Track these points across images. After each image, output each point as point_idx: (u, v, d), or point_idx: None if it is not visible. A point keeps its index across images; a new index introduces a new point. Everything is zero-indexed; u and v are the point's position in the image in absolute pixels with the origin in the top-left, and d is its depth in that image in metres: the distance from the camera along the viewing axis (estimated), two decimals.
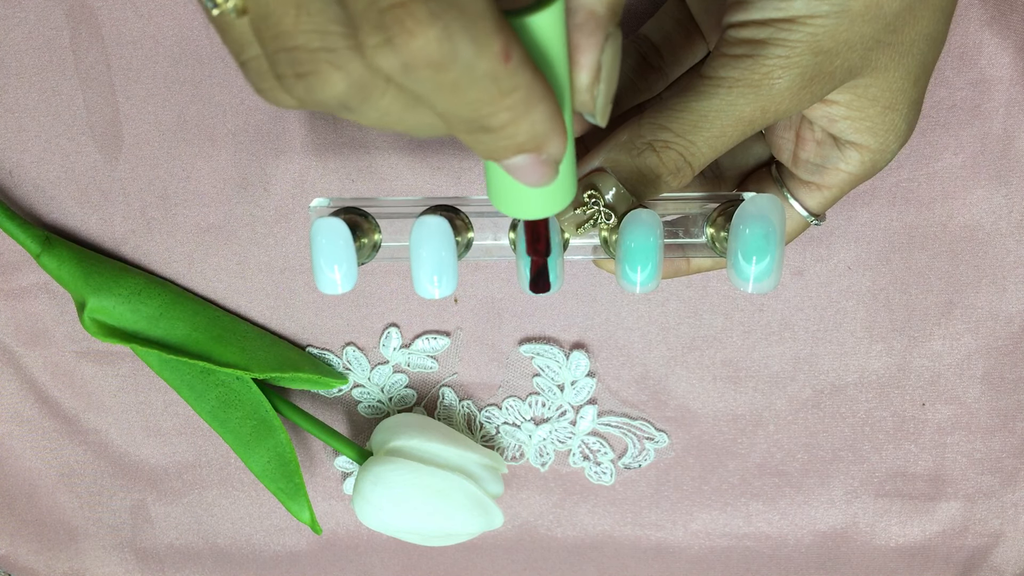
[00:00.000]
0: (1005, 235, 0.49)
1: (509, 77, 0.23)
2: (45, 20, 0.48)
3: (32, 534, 0.57)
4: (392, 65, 0.23)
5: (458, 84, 0.23)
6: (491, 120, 0.24)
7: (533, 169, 0.26)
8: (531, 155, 0.26)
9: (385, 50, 0.22)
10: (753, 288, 0.34)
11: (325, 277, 0.34)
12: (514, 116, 0.24)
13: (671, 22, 0.41)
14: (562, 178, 0.29)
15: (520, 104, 0.24)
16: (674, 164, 0.34)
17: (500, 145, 0.25)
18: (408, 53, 0.22)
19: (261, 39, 0.24)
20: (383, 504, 0.49)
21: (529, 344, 0.52)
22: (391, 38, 0.22)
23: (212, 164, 0.50)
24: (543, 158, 0.26)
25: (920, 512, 0.55)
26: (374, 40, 0.22)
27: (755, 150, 0.42)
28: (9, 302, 0.53)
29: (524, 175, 0.26)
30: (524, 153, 0.25)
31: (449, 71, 0.22)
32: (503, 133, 0.25)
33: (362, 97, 0.24)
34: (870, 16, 0.31)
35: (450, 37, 0.22)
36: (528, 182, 0.27)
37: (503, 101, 0.24)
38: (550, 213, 0.30)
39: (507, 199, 0.29)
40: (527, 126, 0.24)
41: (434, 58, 0.22)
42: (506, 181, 0.28)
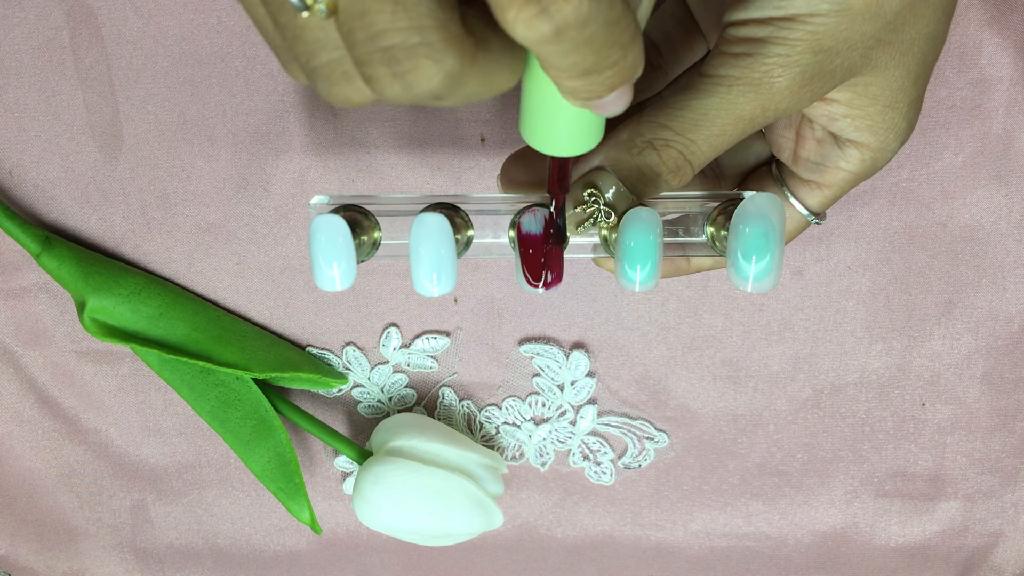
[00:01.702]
0: (1005, 235, 0.49)
1: (624, 16, 0.24)
2: (45, 20, 0.48)
3: (32, 534, 0.57)
4: (543, 33, 0.23)
5: (594, 35, 0.24)
6: (608, 59, 0.25)
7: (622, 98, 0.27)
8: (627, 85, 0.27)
9: (539, 20, 0.23)
10: (753, 287, 0.34)
11: (324, 274, 0.34)
12: (625, 50, 0.25)
13: (671, 20, 0.41)
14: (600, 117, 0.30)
15: (630, 39, 0.25)
16: (674, 163, 0.34)
17: (607, 82, 0.26)
18: (562, 18, 0.23)
19: (352, 40, 0.24)
20: (383, 504, 0.49)
21: (529, 344, 0.52)
22: (546, 7, 0.22)
23: (212, 164, 0.50)
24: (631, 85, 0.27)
25: (920, 512, 0.54)
26: (527, 13, 0.23)
27: (755, 149, 0.42)
28: (9, 302, 0.53)
29: (613, 105, 0.27)
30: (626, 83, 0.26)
31: (590, 26, 0.23)
32: (614, 69, 0.25)
33: (453, 86, 0.24)
34: (871, 14, 0.31)
35: None
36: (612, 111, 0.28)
37: (621, 38, 0.24)
38: (584, 149, 0.31)
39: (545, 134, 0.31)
40: (633, 56, 0.25)
41: (584, 16, 0.23)
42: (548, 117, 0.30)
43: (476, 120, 0.49)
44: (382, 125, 0.49)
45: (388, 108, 0.48)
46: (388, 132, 0.49)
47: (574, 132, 0.30)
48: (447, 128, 0.49)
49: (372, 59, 0.24)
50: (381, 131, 0.49)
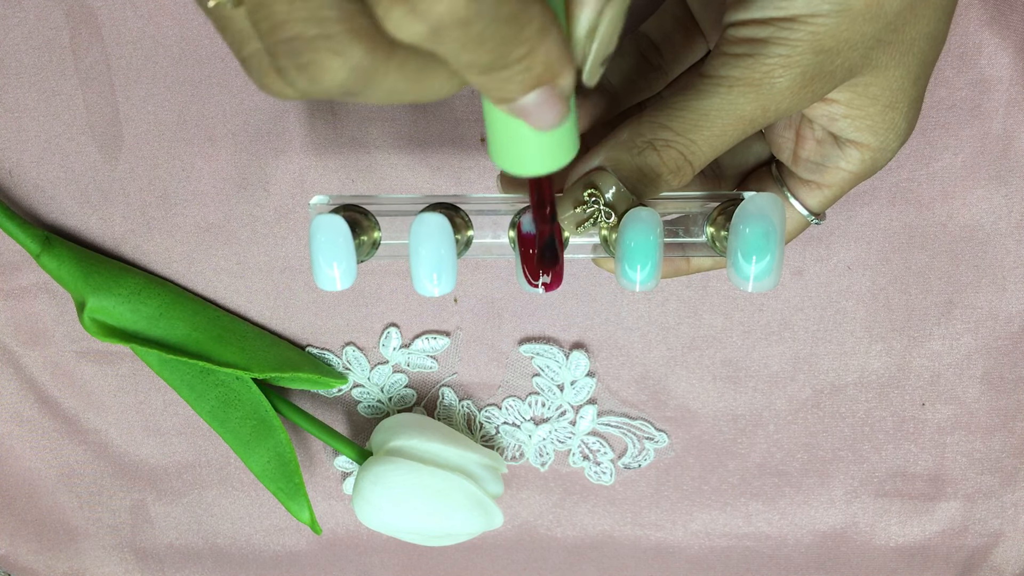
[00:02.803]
0: (1005, 235, 0.49)
1: (524, 10, 0.23)
2: (45, 20, 0.48)
3: (32, 534, 0.57)
4: (418, 33, 0.22)
5: (483, 34, 0.22)
6: (509, 56, 0.24)
7: (547, 105, 0.26)
8: (545, 89, 0.25)
9: (410, 19, 0.22)
10: (753, 287, 0.34)
11: (324, 274, 0.34)
12: (531, 47, 0.24)
13: (671, 20, 0.41)
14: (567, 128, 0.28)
15: (536, 34, 0.23)
16: (674, 163, 0.34)
17: (517, 80, 0.25)
18: (435, 17, 0.22)
19: (259, 31, 0.24)
20: (383, 504, 0.49)
21: (529, 344, 0.52)
22: (415, 6, 0.21)
23: (212, 164, 0.50)
24: (556, 91, 0.25)
25: (920, 512, 0.54)
26: (398, 12, 0.22)
27: (755, 149, 0.42)
28: (9, 302, 0.53)
29: (538, 114, 0.26)
30: (540, 86, 0.25)
31: (476, 24, 0.22)
32: (520, 66, 0.24)
33: (365, 81, 0.24)
34: (871, 15, 0.31)
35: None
36: (542, 122, 0.26)
37: (521, 35, 0.23)
38: (555, 167, 0.29)
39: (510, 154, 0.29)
40: (542, 55, 0.24)
41: (462, 15, 0.22)
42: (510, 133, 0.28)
43: (476, 120, 0.49)
44: (382, 125, 0.49)
45: (388, 108, 0.48)
46: (388, 132, 0.49)
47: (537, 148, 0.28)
48: (447, 128, 0.49)
49: (277, 51, 0.24)
50: (381, 131, 0.49)
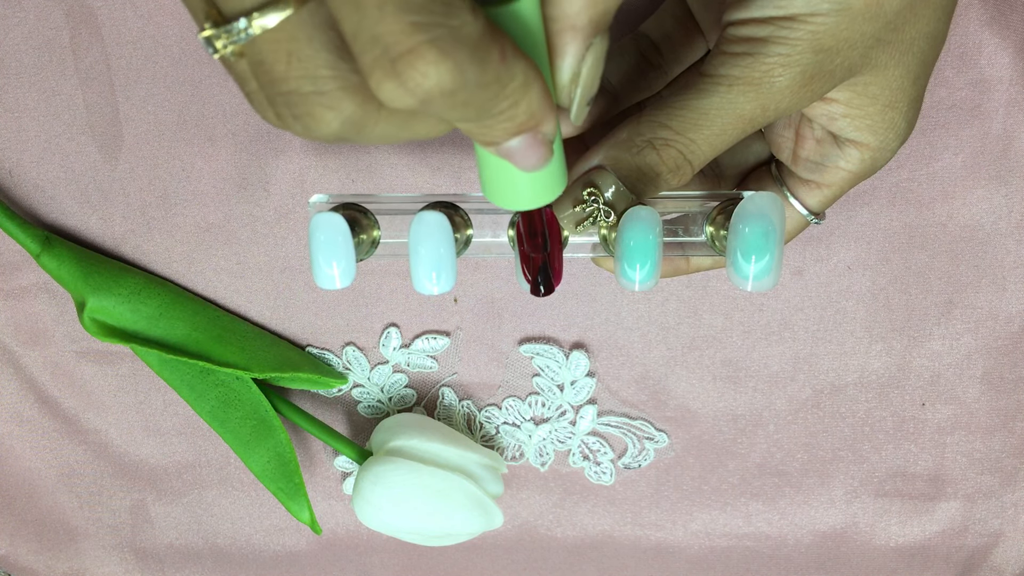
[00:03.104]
0: (1005, 235, 0.49)
1: (507, 71, 0.24)
2: (45, 20, 0.48)
3: (32, 534, 0.57)
4: (408, 103, 0.24)
5: (469, 98, 0.24)
6: (493, 110, 0.25)
7: (531, 150, 0.27)
8: (528, 135, 0.27)
9: (401, 92, 0.23)
10: (753, 287, 0.34)
11: (323, 273, 0.34)
12: (513, 100, 0.25)
13: (671, 20, 0.41)
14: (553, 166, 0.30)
15: (518, 90, 0.25)
16: (674, 162, 0.34)
17: (501, 128, 0.26)
18: (424, 91, 0.23)
19: (259, 82, 0.25)
20: (383, 504, 0.49)
21: (529, 344, 0.52)
22: (405, 81, 0.23)
23: (212, 164, 0.50)
24: (539, 137, 0.27)
25: (920, 512, 0.54)
26: (389, 85, 0.23)
27: (755, 148, 0.42)
28: (9, 302, 0.53)
29: (522, 157, 0.28)
30: (523, 133, 0.27)
31: (460, 93, 0.24)
32: (504, 116, 0.26)
33: (357, 130, 0.25)
34: (871, 14, 0.31)
35: (460, 67, 0.23)
36: (526, 164, 0.28)
37: (504, 92, 0.25)
38: (543, 202, 0.31)
39: (501, 190, 0.30)
40: (525, 106, 0.26)
41: (448, 88, 0.23)
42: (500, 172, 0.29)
43: None
44: None
45: None
46: None
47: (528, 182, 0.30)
48: None
49: (275, 101, 0.25)
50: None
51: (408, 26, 0.22)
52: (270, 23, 0.24)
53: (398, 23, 0.22)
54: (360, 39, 0.23)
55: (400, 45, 0.22)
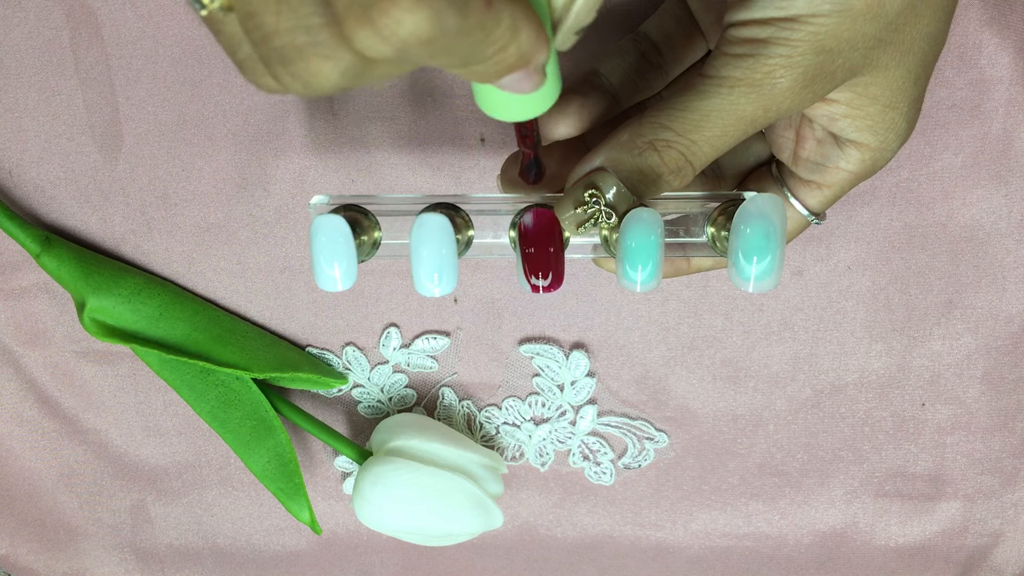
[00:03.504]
0: (1005, 235, 0.49)
1: (493, 16, 0.24)
2: (45, 20, 0.48)
3: (32, 534, 0.57)
4: (384, 52, 0.23)
5: (450, 46, 0.23)
6: (482, 53, 0.25)
7: (524, 81, 0.27)
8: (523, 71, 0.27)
9: (375, 40, 0.23)
10: (754, 287, 0.34)
11: (325, 274, 0.34)
12: (501, 44, 0.25)
13: (671, 20, 0.41)
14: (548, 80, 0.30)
15: (506, 34, 0.25)
16: (675, 163, 0.34)
17: (492, 70, 0.26)
18: (399, 39, 0.22)
19: (251, 39, 0.24)
20: (383, 504, 0.49)
21: (529, 344, 0.52)
22: (380, 29, 0.22)
23: (212, 164, 0.50)
24: (531, 69, 0.27)
25: (920, 512, 0.55)
26: (363, 33, 0.22)
27: (755, 149, 0.42)
28: (9, 302, 0.53)
29: (516, 87, 0.27)
30: (515, 71, 0.26)
31: (440, 41, 0.23)
32: (494, 60, 0.25)
33: (356, 79, 0.24)
34: (872, 15, 0.31)
35: (437, 14, 0.22)
36: (520, 91, 0.28)
37: (491, 36, 0.24)
38: (537, 113, 0.31)
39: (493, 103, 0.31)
40: (514, 49, 0.25)
41: (425, 36, 0.23)
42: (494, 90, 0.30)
43: (476, 120, 0.49)
44: (382, 125, 0.49)
45: (388, 107, 0.48)
46: (388, 132, 0.49)
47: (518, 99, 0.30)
48: (447, 128, 0.49)
49: (270, 58, 0.24)
50: (381, 131, 0.49)
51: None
52: None
53: None
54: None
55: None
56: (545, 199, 0.36)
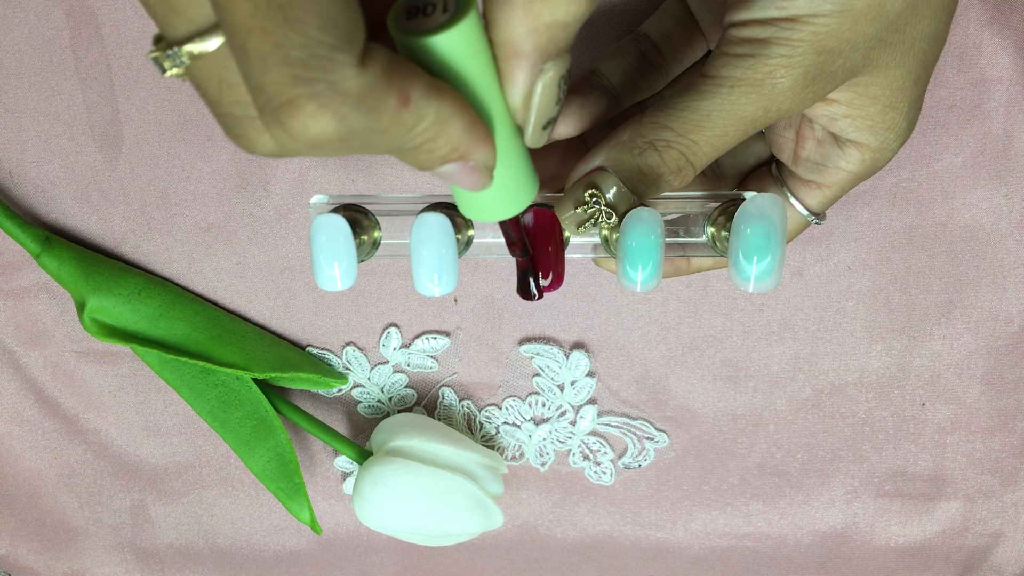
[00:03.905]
0: (1005, 235, 0.49)
1: (413, 113, 0.25)
2: (45, 20, 0.48)
3: (32, 534, 0.57)
4: (300, 148, 0.24)
5: (367, 142, 0.25)
6: (408, 144, 0.26)
7: (464, 176, 0.28)
8: (457, 163, 0.27)
9: (286, 138, 0.24)
10: (754, 288, 0.34)
11: (325, 274, 0.34)
12: (428, 136, 0.26)
13: (671, 20, 0.41)
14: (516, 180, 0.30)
15: (431, 127, 0.26)
16: (676, 163, 0.34)
17: (423, 159, 0.27)
18: (309, 139, 0.24)
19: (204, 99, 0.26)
20: (383, 504, 0.49)
21: (529, 344, 0.52)
22: (288, 130, 0.24)
23: (212, 164, 0.50)
24: (471, 165, 0.27)
25: (920, 512, 0.55)
26: (276, 131, 0.24)
27: (755, 149, 0.42)
28: (9, 302, 0.53)
29: (458, 181, 0.28)
30: (449, 163, 0.27)
31: (353, 139, 0.24)
32: (422, 149, 0.26)
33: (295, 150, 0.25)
34: (872, 15, 0.31)
35: (343, 118, 0.24)
36: (464, 187, 0.29)
37: (415, 131, 0.25)
38: (508, 214, 0.31)
39: (465, 203, 0.31)
40: (443, 141, 0.26)
41: (334, 137, 0.24)
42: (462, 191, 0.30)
43: None
44: None
45: None
46: None
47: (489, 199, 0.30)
48: None
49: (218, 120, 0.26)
50: None
51: (288, 79, 0.23)
52: (199, 51, 0.25)
53: (279, 75, 0.23)
54: (250, 85, 0.24)
55: (280, 96, 0.23)
56: (545, 199, 0.36)
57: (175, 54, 0.25)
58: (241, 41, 0.23)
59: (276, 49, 0.22)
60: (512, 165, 0.30)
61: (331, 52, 0.23)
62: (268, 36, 0.22)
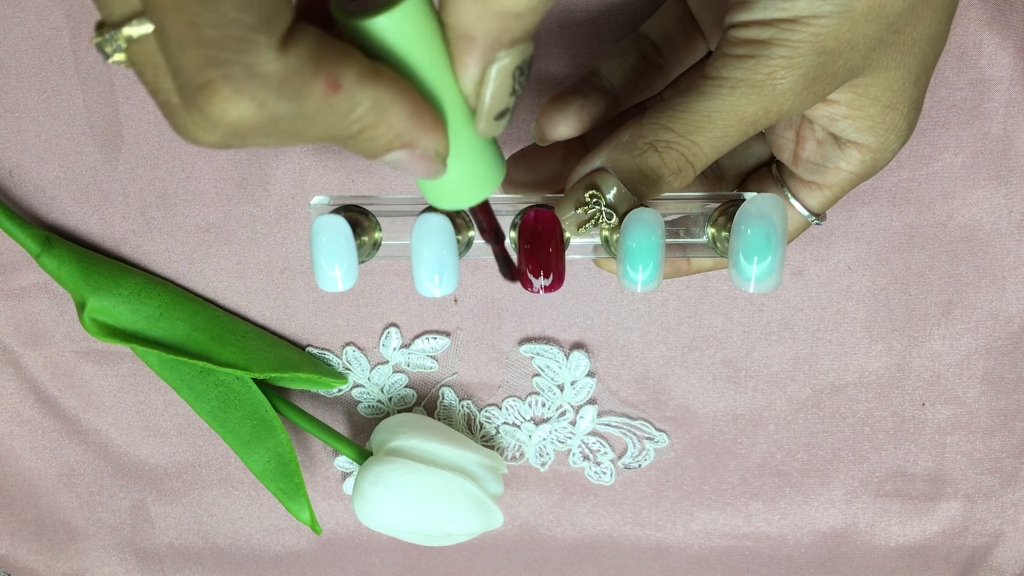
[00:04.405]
0: (1005, 235, 0.49)
1: (346, 99, 0.24)
2: (45, 20, 0.48)
3: (32, 534, 0.57)
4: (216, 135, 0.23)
5: (295, 128, 0.24)
6: (346, 131, 0.25)
7: (413, 164, 0.27)
8: (404, 151, 0.26)
9: (204, 123, 0.23)
10: (755, 288, 0.34)
11: (325, 275, 0.34)
12: (366, 123, 0.25)
13: (671, 20, 0.41)
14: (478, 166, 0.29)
15: (369, 113, 0.24)
16: (676, 164, 0.34)
17: (365, 148, 0.26)
18: (227, 125, 0.23)
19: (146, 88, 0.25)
20: (383, 504, 0.49)
21: (529, 344, 0.52)
22: (207, 115, 0.23)
23: (212, 164, 0.50)
24: (418, 153, 0.26)
25: (920, 512, 0.55)
26: (195, 117, 0.23)
27: (755, 150, 0.42)
28: (9, 302, 0.53)
29: (408, 170, 0.27)
30: (395, 150, 0.26)
31: (279, 125, 0.23)
32: (363, 137, 0.25)
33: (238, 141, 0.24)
34: (873, 16, 0.31)
35: (261, 103, 0.23)
36: (416, 175, 0.27)
37: (349, 117, 0.24)
38: (473, 201, 0.30)
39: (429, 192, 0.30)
40: (384, 128, 0.25)
41: (255, 123, 0.23)
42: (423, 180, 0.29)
43: None
44: None
45: None
46: None
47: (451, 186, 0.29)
48: None
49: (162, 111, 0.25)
50: None
51: (203, 60, 0.22)
52: (133, 35, 0.24)
53: (194, 56, 0.22)
54: (171, 67, 0.23)
55: (196, 79, 0.22)
56: (546, 199, 0.36)
57: (112, 37, 0.24)
58: (159, 20, 0.22)
59: (190, 29, 0.22)
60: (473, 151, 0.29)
61: (247, 32, 0.22)
62: (183, 15, 0.21)
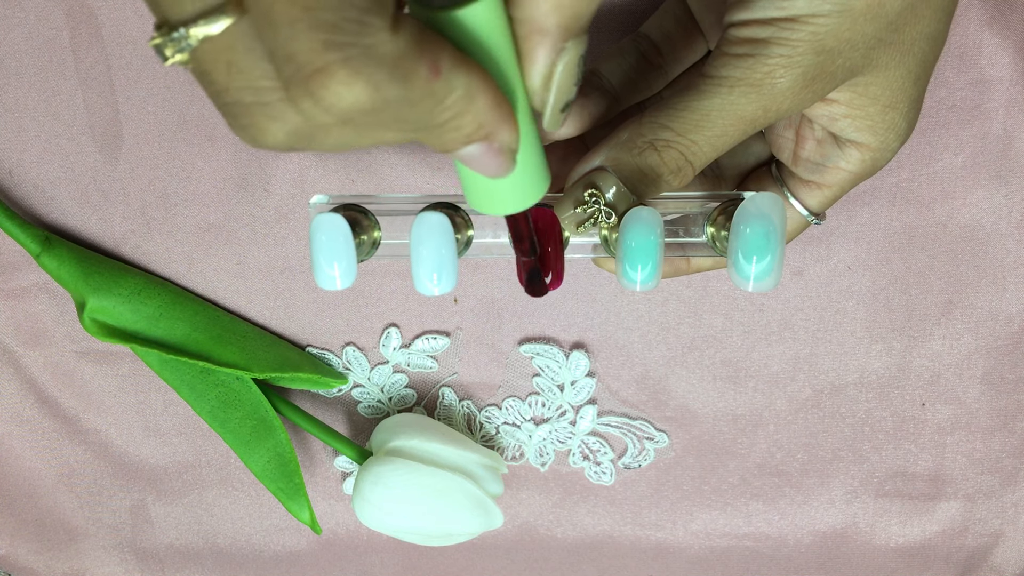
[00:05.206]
0: (1005, 235, 0.49)
1: (444, 85, 0.24)
2: (45, 20, 0.48)
3: (32, 534, 0.57)
4: (329, 120, 0.23)
5: (398, 114, 0.24)
6: (435, 119, 0.25)
7: (488, 159, 0.27)
8: (482, 144, 0.26)
9: (318, 110, 0.23)
10: (754, 287, 0.34)
11: (324, 274, 0.34)
12: (456, 111, 0.25)
13: (671, 20, 0.41)
14: (530, 171, 0.29)
15: (460, 101, 0.25)
16: (675, 163, 0.34)
17: (448, 137, 0.26)
18: (341, 110, 0.23)
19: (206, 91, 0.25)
20: (383, 504, 0.49)
21: (529, 344, 0.52)
22: (319, 100, 0.23)
23: (212, 164, 0.50)
24: (495, 146, 0.27)
25: (920, 512, 0.55)
26: (306, 103, 0.23)
27: (755, 149, 0.42)
28: (9, 302, 0.53)
29: (480, 165, 0.27)
30: (474, 143, 0.26)
31: (385, 110, 0.23)
32: (449, 127, 0.25)
33: (306, 140, 0.25)
34: (872, 15, 0.31)
35: (376, 86, 0.23)
36: (486, 172, 0.28)
37: (443, 104, 0.24)
38: (521, 207, 0.30)
39: (477, 195, 0.30)
40: (471, 117, 0.25)
41: (367, 107, 0.23)
42: (474, 177, 0.29)
43: None
44: None
45: None
46: None
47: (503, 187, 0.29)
48: None
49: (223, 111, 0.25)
50: None
51: (319, 44, 0.22)
52: (208, 33, 0.23)
53: (309, 41, 0.22)
54: (277, 56, 0.23)
55: (312, 64, 0.22)
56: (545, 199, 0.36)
57: (181, 37, 0.24)
58: (266, 8, 0.22)
59: (305, 13, 0.21)
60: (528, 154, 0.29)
61: (363, 15, 0.22)
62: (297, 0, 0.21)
